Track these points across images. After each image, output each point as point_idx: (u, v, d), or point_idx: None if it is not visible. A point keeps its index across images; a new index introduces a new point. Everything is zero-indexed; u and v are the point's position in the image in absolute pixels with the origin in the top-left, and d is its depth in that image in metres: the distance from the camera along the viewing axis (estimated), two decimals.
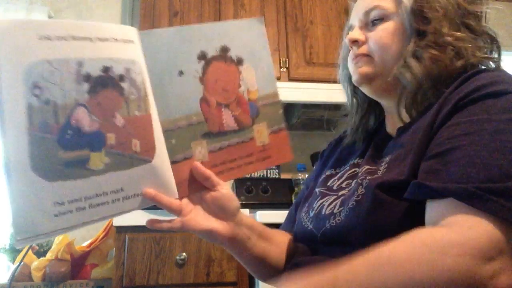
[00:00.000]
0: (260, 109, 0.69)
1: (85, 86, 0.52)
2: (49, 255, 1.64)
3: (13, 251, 1.71)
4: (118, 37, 0.56)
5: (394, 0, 0.67)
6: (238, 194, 2.05)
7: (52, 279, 1.58)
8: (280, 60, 2.02)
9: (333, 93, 1.95)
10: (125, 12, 2.32)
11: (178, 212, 0.62)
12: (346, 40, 0.72)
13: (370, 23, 0.69)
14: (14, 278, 1.57)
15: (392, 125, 0.70)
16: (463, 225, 0.43)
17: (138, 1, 2.21)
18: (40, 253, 1.71)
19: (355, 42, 0.70)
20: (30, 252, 1.66)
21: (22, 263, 1.61)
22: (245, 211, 1.59)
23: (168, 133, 0.61)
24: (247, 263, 0.73)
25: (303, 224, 0.70)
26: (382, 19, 0.68)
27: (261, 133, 0.68)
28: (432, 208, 0.49)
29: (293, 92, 1.95)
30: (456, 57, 0.61)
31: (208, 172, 0.63)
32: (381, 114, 0.77)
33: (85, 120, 0.53)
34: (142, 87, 0.58)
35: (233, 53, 0.66)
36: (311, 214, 0.68)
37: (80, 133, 0.52)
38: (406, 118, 0.65)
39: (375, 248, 0.45)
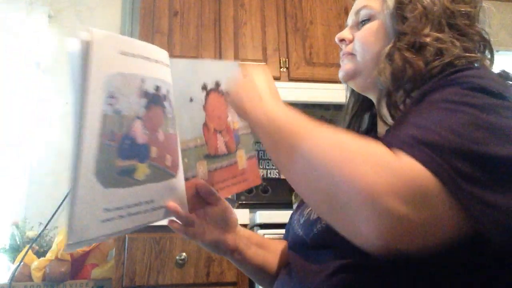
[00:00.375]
0: (240, 138, 0.78)
1: (143, 101, 0.57)
2: (49, 255, 1.64)
3: (13, 251, 1.71)
4: (164, 61, 0.62)
5: (381, 0, 0.68)
6: (238, 194, 2.05)
7: (52, 279, 1.58)
8: (280, 60, 2.02)
9: (333, 93, 1.95)
10: (125, 12, 2.32)
11: (191, 225, 0.68)
12: (335, 39, 0.75)
13: (360, 23, 0.71)
14: (14, 278, 1.57)
15: (382, 127, 0.71)
16: (402, 158, 0.44)
17: (138, 1, 2.21)
18: (40, 253, 1.71)
19: (342, 40, 0.73)
20: (30, 252, 1.65)
21: (22, 263, 1.61)
22: (245, 211, 1.59)
23: (182, 152, 0.67)
24: (248, 271, 0.77)
25: (295, 231, 0.71)
26: (369, 19, 0.70)
27: (241, 158, 0.78)
28: None
29: (293, 92, 1.95)
30: (436, 58, 0.61)
31: (212, 189, 0.69)
32: (375, 117, 0.77)
33: (140, 132, 0.56)
34: (173, 108, 0.63)
35: (223, 87, 0.74)
36: (301, 221, 0.69)
37: (134, 144, 0.55)
38: (387, 119, 0.65)
39: (340, 132, 0.49)
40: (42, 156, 2.04)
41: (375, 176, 0.41)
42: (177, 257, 1.47)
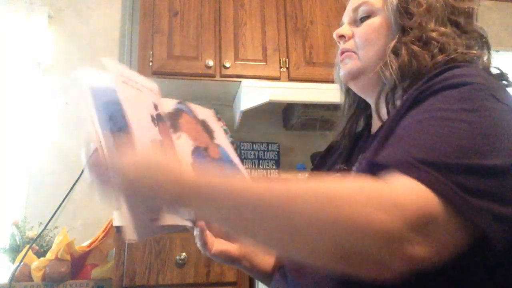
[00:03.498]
0: None
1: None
2: (49, 255, 1.64)
3: (13, 251, 1.71)
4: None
5: None
6: None
7: (52, 279, 1.58)
8: (280, 60, 2.02)
9: (333, 93, 1.94)
10: (125, 12, 2.32)
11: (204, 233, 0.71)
12: (334, 35, 0.74)
13: (358, 20, 0.70)
14: (14, 278, 1.57)
15: (376, 125, 0.70)
16: (404, 185, 0.42)
17: (138, 1, 2.21)
18: (40, 253, 1.71)
19: (341, 37, 0.72)
20: (30, 252, 1.65)
21: (22, 263, 1.61)
22: None
23: None
24: (259, 277, 0.79)
25: None
26: (369, 15, 0.69)
27: None
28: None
29: (293, 92, 1.95)
30: (439, 53, 0.61)
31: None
32: (370, 117, 0.76)
33: None
34: None
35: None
36: None
37: None
38: (384, 116, 0.65)
39: (324, 182, 0.45)
40: (42, 156, 2.04)
41: (383, 216, 0.39)
42: (177, 257, 1.47)
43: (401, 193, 0.42)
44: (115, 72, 0.58)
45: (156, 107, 0.66)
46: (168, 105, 0.76)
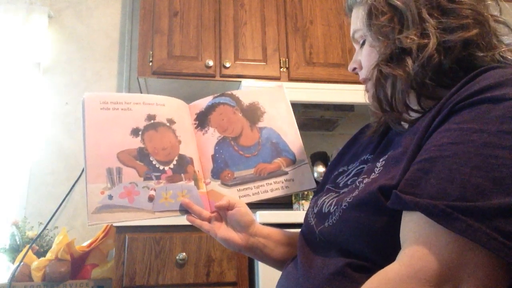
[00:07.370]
0: None
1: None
2: (49, 255, 1.64)
3: (13, 251, 1.71)
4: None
5: (362, 18, 0.63)
6: None
7: (52, 279, 1.58)
8: (280, 60, 2.02)
9: (333, 93, 1.95)
10: (125, 12, 2.32)
11: (207, 220, 0.80)
12: (348, 70, 0.73)
13: (361, 47, 0.68)
14: (14, 278, 1.57)
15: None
16: (413, 255, 0.44)
17: (138, 1, 2.21)
18: (40, 253, 1.71)
19: (354, 69, 0.71)
20: (30, 252, 1.66)
21: (22, 263, 1.61)
22: None
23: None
24: (270, 264, 0.83)
25: (308, 219, 0.70)
26: (365, 40, 0.66)
27: None
28: (404, 220, 0.48)
29: (293, 92, 1.95)
30: (419, 61, 0.55)
31: (224, 204, 0.79)
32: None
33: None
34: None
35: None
36: (315, 210, 0.68)
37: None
38: (405, 125, 0.63)
39: None
40: (42, 156, 2.05)
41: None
42: (177, 257, 1.47)
43: (413, 263, 0.43)
44: (89, 104, 0.76)
45: (152, 117, 0.80)
46: (200, 105, 0.87)
